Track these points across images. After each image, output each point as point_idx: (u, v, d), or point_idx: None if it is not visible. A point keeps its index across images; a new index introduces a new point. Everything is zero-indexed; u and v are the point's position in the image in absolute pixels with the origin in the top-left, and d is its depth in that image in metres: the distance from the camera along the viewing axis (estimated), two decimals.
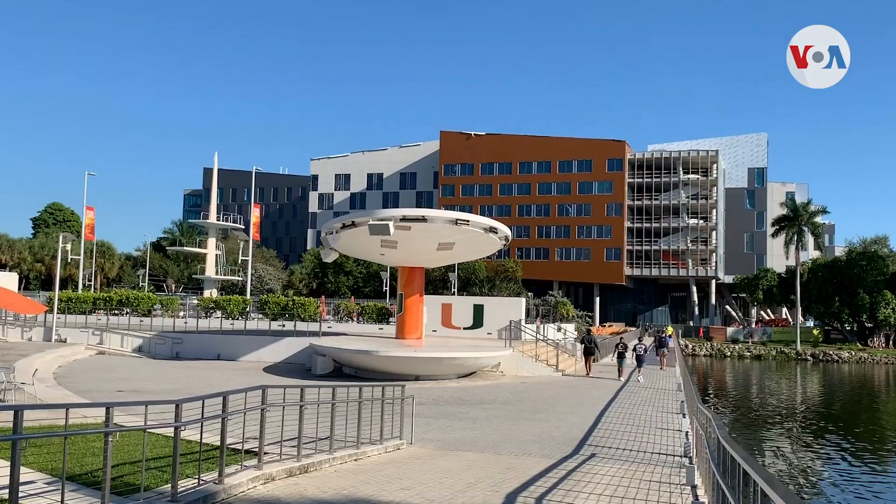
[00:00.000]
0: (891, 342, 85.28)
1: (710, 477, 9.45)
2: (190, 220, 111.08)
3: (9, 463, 7.04)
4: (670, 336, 66.31)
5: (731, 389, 48.57)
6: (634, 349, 34.19)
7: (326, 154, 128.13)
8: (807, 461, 24.06)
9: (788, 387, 50.99)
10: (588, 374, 33.53)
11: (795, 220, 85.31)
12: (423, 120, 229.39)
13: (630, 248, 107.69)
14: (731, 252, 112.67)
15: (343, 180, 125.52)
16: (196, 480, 9.66)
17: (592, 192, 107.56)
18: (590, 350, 34.09)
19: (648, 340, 53.94)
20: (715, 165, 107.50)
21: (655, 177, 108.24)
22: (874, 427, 33.57)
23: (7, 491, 6.98)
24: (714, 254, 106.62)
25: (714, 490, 8.53)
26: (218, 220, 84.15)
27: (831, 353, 77.24)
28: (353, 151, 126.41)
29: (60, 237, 46.14)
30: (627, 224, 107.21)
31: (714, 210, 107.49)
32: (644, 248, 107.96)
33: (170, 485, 9.00)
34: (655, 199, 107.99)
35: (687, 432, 16.84)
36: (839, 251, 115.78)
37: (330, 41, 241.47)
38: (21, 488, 7.19)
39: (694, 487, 11.48)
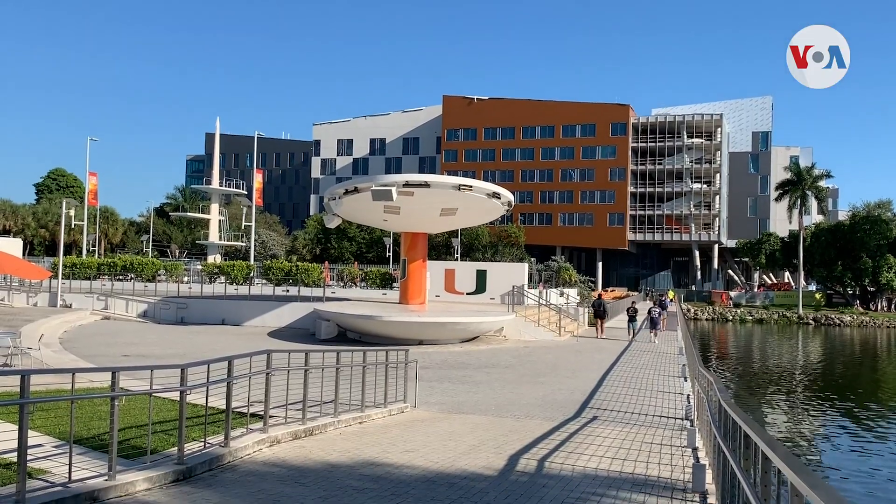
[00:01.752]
0: (893, 306, 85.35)
1: (711, 440, 9.53)
2: (193, 186, 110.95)
3: (17, 426, 7.12)
4: (671, 300, 66.50)
5: (732, 353, 48.80)
6: (649, 312, 36.79)
7: (329, 119, 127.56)
8: (808, 424, 24.25)
9: (790, 350, 51.20)
10: (599, 335, 35.68)
11: (799, 184, 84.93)
12: (425, 84, 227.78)
13: (633, 213, 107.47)
14: (734, 216, 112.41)
15: (345, 145, 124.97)
16: (202, 444, 9.77)
17: (596, 157, 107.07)
18: (600, 314, 36.55)
19: (649, 305, 54.16)
20: (719, 129, 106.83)
21: (659, 141, 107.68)
22: (875, 390, 33.75)
23: (16, 454, 7.07)
24: (717, 218, 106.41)
25: (715, 452, 8.62)
26: (221, 186, 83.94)
27: (833, 317, 77.39)
28: (355, 116, 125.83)
29: (64, 203, 46.11)
30: (631, 189, 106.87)
31: (718, 174, 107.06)
32: (647, 212, 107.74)
33: (176, 448, 9.11)
34: (659, 164, 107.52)
35: (688, 395, 16.97)
36: (842, 215, 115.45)
37: (331, 4, 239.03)
38: (29, 451, 7.28)
39: (695, 450, 11.59)
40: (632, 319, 36.89)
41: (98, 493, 7.65)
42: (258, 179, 71.21)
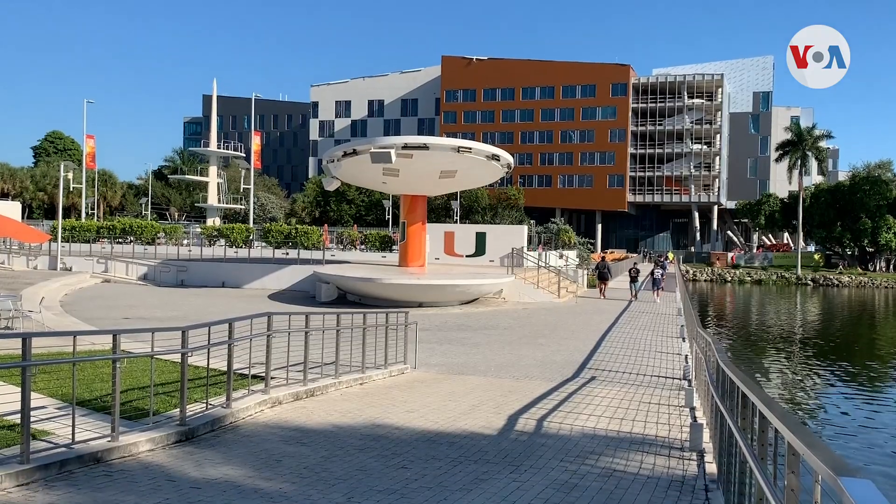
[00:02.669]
0: (891, 266, 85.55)
1: (708, 399, 9.61)
2: (191, 149, 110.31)
3: (20, 389, 7.17)
4: (671, 261, 66.66)
5: (730, 314, 49.00)
6: (651, 273, 38.33)
7: (326, 80, 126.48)
8: (805, 384, 24.43)
9: (788, 311, 51.40)
10: (602, 296, 36.55)
11: (799, 145, 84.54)
12: (424, 45, 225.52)
13: (633, 174, 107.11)
14: (734, 177, 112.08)
15: (344, 107, 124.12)
16: (204, 405, 9.86)
17: (596, 118, 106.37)
18: (604, 275, 37.51)
19: (649, 267, 54.35)
20: (720, 90, 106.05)
21: (660, 101, 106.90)
22: (872, 349, 33.94)
23: (19, 416, 7.14)
24: (717, 179, 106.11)
25: (712, 412, 8.69)
26: (219, 149, 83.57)
27: (832, 277, 77.58)
28: (353, 77, 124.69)
29: (62, 166, 45.91)
30: (631, 150, 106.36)
31: (718, 135, 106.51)
32: (647, 174, 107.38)
33: (178, 409, 9.19)
34: (659, 125, 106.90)
35: (686, 356, 17.08)
36: (842, 176, 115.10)
37: None
38: (32, 413, 7.35)
39: (692, 409, 11.68)
40: (633, 280, 37.42)
41: (101, 454, 7.74)
42: (256, 142, 70.80)
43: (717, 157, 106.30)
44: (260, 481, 7.40)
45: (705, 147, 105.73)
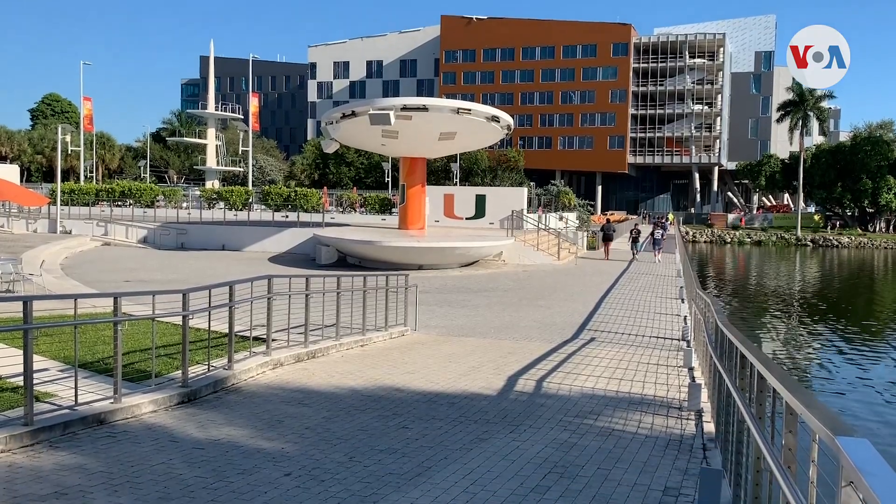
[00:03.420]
0: (891, 227, 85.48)
1: (707, 360, 9.67)
2: (188, 111, 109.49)
3: (22, 351, 7.21)
4: (671, 223, 66.74)
5: (730, 275, 49.09)
6: (652, 234, 39.56)
7: (324, 41, 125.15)
8: (803, 344, 24.56)
9: (787, 272, 51.48)
10: (606, 258, 37.61)
11: (801, 105, 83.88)
12: (423, 3, 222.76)
13: (633, 135, 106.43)
14: (734, 138, 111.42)
15: (342, 68, 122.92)
16: (206, 367, 9.92)
17: (597, 79, 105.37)
18: (608, 237, 38.70)
19: (649, 228, 54.43)
20: (721, 49, 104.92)
21: (661, 62, 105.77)
22: (870, 309, 34.07)
23: (22, 378, 7.19)
24: (718, 140, 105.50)
25: (711, 372, 8.75)
26: (217, 111, 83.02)
27: (831, 238, 77.56)
28: (351, 38, 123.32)
29: (59, 128, 45.67)
30: (631, 111, 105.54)
31: (719, 95, 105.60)
32: (647, 135, 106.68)
33: (180, 371, 9.25)
34: (660, 85, 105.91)
35: (685, 317, 17.15)
36: (844, 136, 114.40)
37: None
38: (35, 375, 7.40)
39: (691, 369, 11.77)
40: (635, 241, 38.22)
41: (104, 416, 7.81)
42: (254, 103, 70.21)
43: (718, 118, 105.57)
44: (262, 441, 7.48)
45: (706, 107, 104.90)
